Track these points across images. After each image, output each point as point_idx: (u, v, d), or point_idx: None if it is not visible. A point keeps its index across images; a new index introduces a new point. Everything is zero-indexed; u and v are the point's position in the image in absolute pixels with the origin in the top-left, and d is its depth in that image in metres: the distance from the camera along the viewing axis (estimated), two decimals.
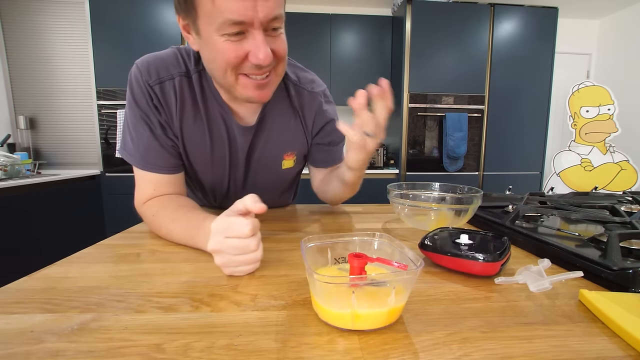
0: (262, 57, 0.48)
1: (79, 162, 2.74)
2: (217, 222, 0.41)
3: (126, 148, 0.59)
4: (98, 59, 2.38)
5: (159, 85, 0.56)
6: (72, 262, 0.45)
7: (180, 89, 0.58)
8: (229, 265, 0.40)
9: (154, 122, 0.58)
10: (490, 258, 0.38)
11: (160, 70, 0.57)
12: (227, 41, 0.47)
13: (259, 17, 0.45)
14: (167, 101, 0.58)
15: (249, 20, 0.45)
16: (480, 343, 0.26)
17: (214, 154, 0.65)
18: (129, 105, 0.58)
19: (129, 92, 0.57)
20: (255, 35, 0.47)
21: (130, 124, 0.58)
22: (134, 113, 0.57)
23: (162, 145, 0.59)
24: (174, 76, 0.57)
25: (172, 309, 0.32)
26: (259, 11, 0.45)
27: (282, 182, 0.78)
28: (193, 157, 0.65)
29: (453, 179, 2.66)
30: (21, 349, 0.26)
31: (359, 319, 0.27)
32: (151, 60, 0.57)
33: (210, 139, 0.63)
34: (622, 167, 1.29)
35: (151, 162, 0.58)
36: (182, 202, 0.56)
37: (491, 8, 2.58)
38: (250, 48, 0.48)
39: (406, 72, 2.57)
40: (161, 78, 0.57)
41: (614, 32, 3.08)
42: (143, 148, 0.58)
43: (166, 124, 0.59)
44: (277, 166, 0.71)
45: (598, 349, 0.26)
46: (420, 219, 0.61)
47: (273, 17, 0.47)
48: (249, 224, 0.38)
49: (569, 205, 0.64)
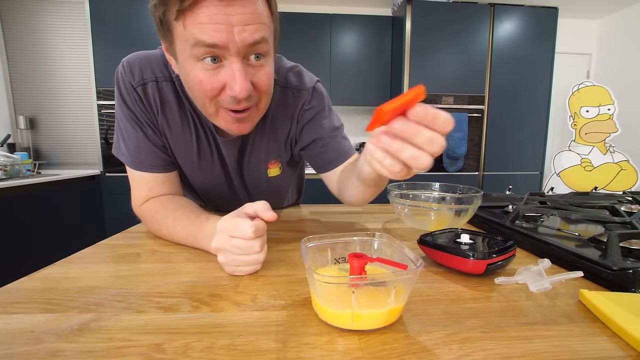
0: (237, 89, 0.43)
1: (79, 162, 2.74)
2: (224, 220, 0.41)
3: (120, 148, 0.59)
4: (98, 59, 2.38)
5: (142, 86, 0.55)
6: (72, 262, 0.45)
7: (162, 93, 0.56)
8: (230, 264, 0.40)
9: (143, 122, 0.57)
10: (480, 256, 0.38)
11: (145, 71, 0.55)
12: (202, 70, 0.43)
13: (235, 41, 0.40)
14: (149, 102, 0.56)
15: (223, 43, 0.40)
16: (480, 343, 0.26)
17: (201, 160, 0.63)
18: (117, 104, 0.56)
19: (116, 91, 0.56)
20: (232, 63, 0.42)
21: (120, 123, 0.57)
22: (123, 112, 0.56)
23: (153, 143, 0.58)
24: (158, 79, 0.55)
25: (172, 309, 0.32)
26: (235, 34, 0.40)
27: (274, 186, 0.74)
28: (180, 160, 0.63)
29: (453, 179, 2.66)
30: (21, 349, 0.26)
31: (359, 319, 0.27)
32: (137, 60, 0.55)
33: (197, 144, 0.61)
34: (622, 167, 1.29)
35: (143, 162, 0.58)
36: (181, 202, 0.56)
37: (491, 8, 2.58)
38: (227, 78, 0.43)
39: (406, 72, 2.57)
40: (144, 79, 0.55)
41: (614, 32, 3.07)
42: (134, 148, 0.57)
43: (152, 124, 0.58)
44: (263, 174, 0.69)
45: (598, 349, 0.26)
46: (420, 219, 0.61)
47: (253, 42, 0.42)
48: (252, 226, 0.39)
49: (569, 205, 0.64)
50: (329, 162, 0.65)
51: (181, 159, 0.63)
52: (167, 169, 0.61)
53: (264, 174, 0.69)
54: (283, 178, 0.73)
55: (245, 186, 0.71)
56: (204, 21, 0.39)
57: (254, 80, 0.45)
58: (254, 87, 0.46)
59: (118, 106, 0.57)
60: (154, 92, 0.55)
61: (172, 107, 0.57)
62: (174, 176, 0.63)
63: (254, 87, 0.46)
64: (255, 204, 0.42)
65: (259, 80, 0.46)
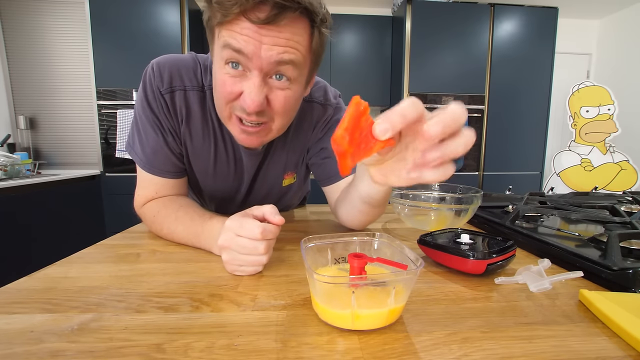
0: (248, 101, 0.44)
1: (79, 162, 2.74)
2: (232, 220, 0.41)
3: (134, 147, 0.58)
4: (98, 59, 2.38)
5: (170, 94, 0.55)
6: (72, 262, 0.45)
7: (189, 102, 0.56)
8: (232, 263, 0.40)
9: (165, 128, 0.57)
10: (480, 256, 0.38)
11: (174, 79, 0.55)
12: (227, 74, 0.45)
13: (260, 55, 0.42)
14: (175, 111, 0.56)
15: (249, 53, 0.42)
16: (480, 343, 0.26)
17: (217, 169, 0.64)
18: (141, 104, 0.56)
19: (142, 91, 0.55)
20: (253, 76, 0.44)
21: (140, 123, 0.57)
22: (145, 114, 0.56)
23: (171, 150, 0.58)
24: (187, 88, 0.56)
25: (172, 309, 0.32)
26: (261, 50, 0.41)
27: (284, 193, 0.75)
28: (195, 167, 0.64)
29: (453, 179, 2.64)
30: (21, 349, 0.25)
31: (359, 319, 0.27)
32: (168, 65, 0.55)
33: (214, 156, 0.62)
34: (622, 167, 1.29)
35: (157, 166, 0.58)
36: (183, 202, 0.56)
37: (491, 8, 2.58)
38: (244, 88, 0.45)
39: (406, 72, 2.57)
40: (173, 87, 0.55)
41: (614, 32, 3.07)
42: (151, 151, 0.57)
43: (174, 132, 0.58)
44: (278, 184, 0.70)
45: (598, 349, 0.26)
46: (420, 219, 0.61)
47: (279, 61, 0.43)
48: (259, 227, 0.39)
49: (569, 205, 0.64)
50: (329, 176, 0.65)
51: (196, 166, 0.63)
52: (178, 176, 0.61)
53: (279, 184, 0.70)
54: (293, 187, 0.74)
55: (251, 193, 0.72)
56: (237, 30, 0.42)
57: (270, 97, 0.46)
58: (269, 104, 0.47)
59: (141, 107, 0.56)
60: (181, 102, 0.56)
61: (196, 117, 0.58)
62: (183, 182, 0.63)
63: (269, 104, 0.47)
64: (263, 207, 0.42)
65: (275, 99, 0.47)
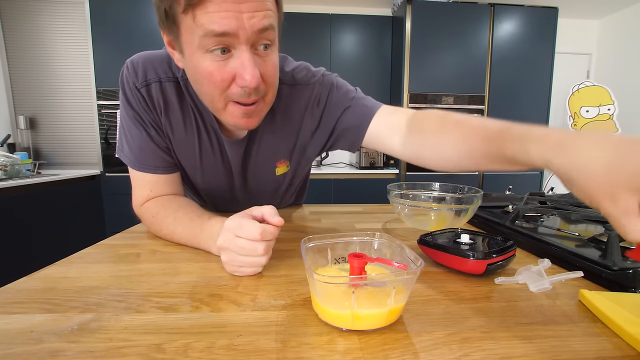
0: (248, 77, 0.42)
1: (79, 162, 2.74)
2: (231, 220, 0.41)
3: (123, 149, 0.59)
4: (98, 59, 2.38)
5: (146, 87, 0.55)
6: (72, 262, 0.45)
7: (165, 94, 0.56)
8: (231, 264, 0.40)
9: (147, 123, 0.57)
10: (480, 256, 0.38)
11: (148, 72, 0.55)
12: (212, 61, 0.43)
13: (245, 27, 0.40)
14: (153, 103, 0.56)
15: (232, 31, 0.40)
16: (480, 343, 0.26)
17: (203, 161, 0.63)
18: (122, 105, 0.57)
19: (121, 92, 0.56)
20: (242, 52, 0.42)
21: (124, 124, 0.57)
22: (127, 113, 0.56)
23: (157, 145, 0.58)
24: (162, 80, 0.55)
25: (172, 309, 0.32)
26: (244, 20, 0.40)
27: (279, 185, 0.75)
28: (182, 161, 0.63)
29: (453, 179, 2.65)
30: (21, 349, 0.26)
31: (359, 319, 0.27)
32: (141, 60, 0.55)
33: (199, 146, 0.61)
34: None
35: (146, 163, 0.58)
36: (182, 202, 0.56)
37: (491, 8, 2.58)
38: (237, 68, 0.43)
39: (406, 72, 2.57)
40: (148, 80, 0.55)
41: (614, 32, 3.07)
42: (137, 149, 0.57)
43: (156, 125, 0.58)
44: (270, 174, 0.69)
45: (598, 349, 0.26)
46: (420, 219, 0.61)
47: (262, 28, 0.42)
48: (259, 228, 0.39)
49: (569, 205, 0.64)
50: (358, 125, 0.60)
51: (183, 160, 0.63)
52: (169, 171, 0.61)
53: (271, 173, 0.69)
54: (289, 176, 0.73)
55: (246, 186, 0.71)
56: (212, 10, 0.39)
57: (261, 70, 0.45)
58: (261, 78, 0.46)
59: (122, 107, 0.57)
60: (158, 94, 0.55)
61: (174, 108, 0.57)
62: (176, 177, 0.63)
63: (262, 78, 0.46)
64: (262, 207, 0.42)
65: (266, 71, 0.46)
